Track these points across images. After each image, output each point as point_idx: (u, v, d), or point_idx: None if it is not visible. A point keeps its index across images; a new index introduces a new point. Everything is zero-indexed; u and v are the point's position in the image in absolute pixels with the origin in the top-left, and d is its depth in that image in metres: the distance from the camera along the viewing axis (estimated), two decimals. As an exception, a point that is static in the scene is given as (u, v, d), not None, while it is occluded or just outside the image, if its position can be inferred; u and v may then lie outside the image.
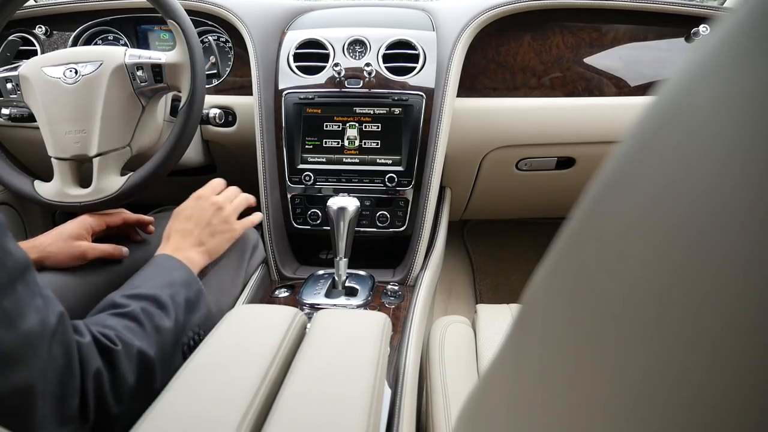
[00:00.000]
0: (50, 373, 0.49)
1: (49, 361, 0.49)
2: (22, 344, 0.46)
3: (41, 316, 0.48)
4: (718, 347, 0.13)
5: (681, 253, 0.15)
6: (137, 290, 0.69)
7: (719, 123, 0.15)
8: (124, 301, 0.67)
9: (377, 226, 1.14)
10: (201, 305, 0.77)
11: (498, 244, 1.93)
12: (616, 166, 0.20)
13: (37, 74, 0.93)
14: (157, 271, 0.75)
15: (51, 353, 0.49)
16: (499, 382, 0.31)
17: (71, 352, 0.52)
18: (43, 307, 0.49)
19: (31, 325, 0.47)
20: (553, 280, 0.24)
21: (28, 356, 0.46)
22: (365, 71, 1.10)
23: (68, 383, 0.52)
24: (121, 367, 0.58)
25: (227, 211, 0.91)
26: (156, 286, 0.71)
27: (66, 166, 0.94)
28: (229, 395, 0.47)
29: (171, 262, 0.78)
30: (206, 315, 0.78)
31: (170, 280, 0.73)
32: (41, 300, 0.49)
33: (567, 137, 1.23)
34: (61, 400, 0.51)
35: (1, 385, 0.45)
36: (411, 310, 0.93)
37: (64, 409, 0.51)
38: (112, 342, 0.58)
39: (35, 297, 0.49)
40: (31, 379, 0.47)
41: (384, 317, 0.62)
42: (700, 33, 1.15)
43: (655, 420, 0.15)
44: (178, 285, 0.73)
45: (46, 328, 0.49)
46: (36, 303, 0.48)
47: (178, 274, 0.76)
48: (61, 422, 0.51)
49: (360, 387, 0.48)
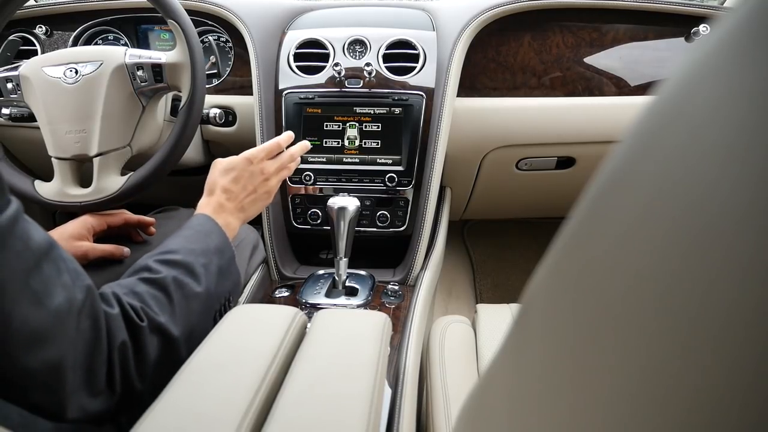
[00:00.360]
0: (79, 346, 0.50)
1: (77, 334, 0.50)
2: (51, 321, 0.47)
3: (68, 293, 0.49)
4: (718, 347, 0.13)
5: (680, 253, 0.15)
6: (172, 255, 0.69)
7: (719, 122, 0.15)
8: (158, 266, 0.66)
9: (377, 225, 1.14)
10: (233, 272, 0.77)
11: (498, 244, 1.93)
12: (616, 165, 0.20)
13: (37, 74, 0.93)
14: (195, 236, 0.74)
15: (79, 327, 0.50)
16: (500, 382, 0.31)
17: (99, 325, 0.53)
18: (70, 283, 0.50)
19: (59, 303, 0.48)
20: (553, 280, 0.24)
21: (57, 333, 0.48)
22: (365, 71, 1.10)
23: (97, 355, 0.53)
24: (145, 342, 0.59)
25: (273, 182, 0.89)
26: (191, 252, 0.70)
27: (66, 166, 0.94)
28: (229, 394, 0.47)
29: (209, 224, 0.77)
30: (236, 282, 0.79)
31: (206, 247, 0.73)
32: (68, 276, 0.50)
33: (567, 137, 1.23)
34: (90, 371, 0.52)
35: (32, 361, 0.46)
36: (411, 310, 0.93)
37: (94, 380, 0.53)
38: (139, 317, 0.59)
39: (62, 274, 0.50)
40: (61, 354, 0.48)
41: (384, 317, 0.62)
42: (700, 33, 1.15)
43: (654, 418, 0.15)
44: (212, 252, 0.73)
45: (74, 304, 0.50)
46: (63, 280, 0.49)
47: (214, 240, 0.75)
48: (91, 393, 0.53)
49: (360, 387, 0.49)
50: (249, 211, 0.86)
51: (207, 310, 0.70)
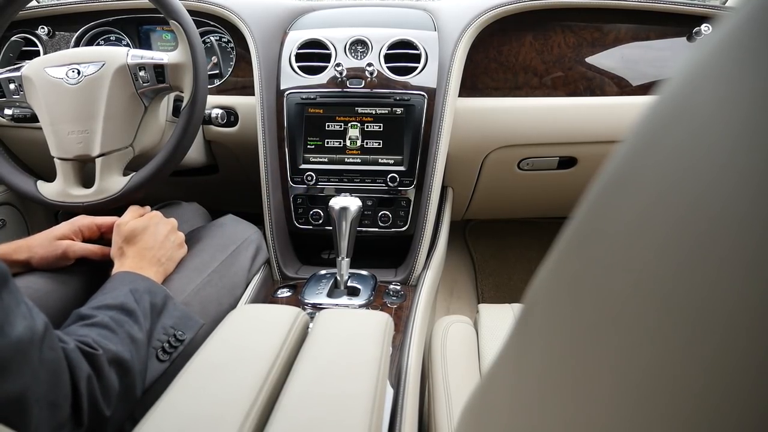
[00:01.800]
0: (43, 379, 0.49)
1: (40, 367, 0.49)
2: (13, 351, 0.46)
3: (28, 323, 0.48)
4: (720, 347, 0.13)
5: (683, 252, 0.15)
6: (101, 301, 0.69)
7: (721, 122, 0.15)
8: (92, 312, 0.66)
9: (379, 225, 1.14)
10: (170, 308, 0.76)
11: (500, 244, 1.93)
12: (618, 165, 0.20)
13: (39, 75, 0.93)
14: (118, 284, 0.74)
15: (42, 359, 0.49)
16: (502, 382, 0.31)
17: (60, 356, 0.52)
18: (28, 314, 0.49)
19: (20, 332, 0.47)
20: (556, 280, 0.24)
21: (19, 363, 0.46)
22: (367, 71, 1.10)
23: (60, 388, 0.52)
24: (105, 371, 0.58)
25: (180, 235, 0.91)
26: (119, 295, 0.70)
27: (69, 167, 0.94)
28: (232, 394, 0.47)
29: (130, 276, 0.77)
30: (180, 316, 0.77)
31: (134, 288, 0.73)
32: (26, 307, 0.49)
33: (569, 137, 1.23)
34: (54, 405, 0.51)
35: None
36: (413, 310, 0.93)
37: (57, 414, 0.51)
38: (93, 348, 0.58)
39: (20, 304, 0.48)
40: (25, 387, 0.47)
41: (386, 317, 0.62)
42: (702, 32, 1.14)
43: (656, 417, 0.15)
44: (141, 291, 0.73)
45: (35, 335, 0.49)
46: (22, 310, 0.48)
47: (141, 284, 0.75)
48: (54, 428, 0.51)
49: (362, 386, 0.49)
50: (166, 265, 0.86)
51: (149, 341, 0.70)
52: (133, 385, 0.62)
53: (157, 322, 0.73)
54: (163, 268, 0.85)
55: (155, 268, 0.83)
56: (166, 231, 0.88)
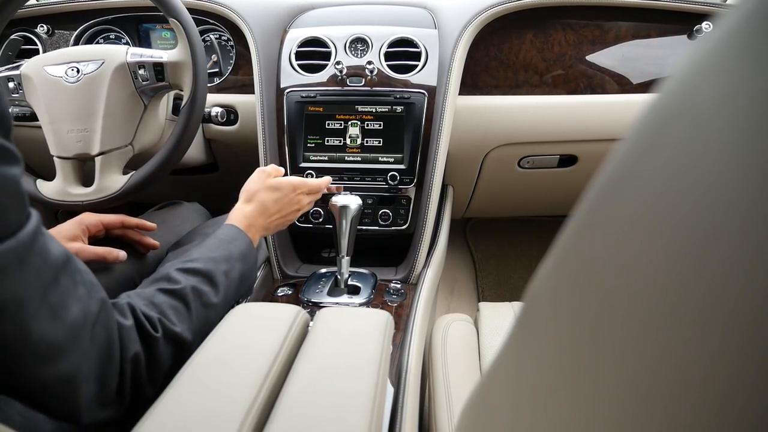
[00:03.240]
0: (93, 358, 0.51)
1: (91, 347, 0.50)
2: (67, 335, 0.48)
3: (83, 305, 0.50)
4: (723, 342, 0.13)
5: (685, 249, 0.15)
6: (192, 264, 0.70)
7: (723, 118, 0.15)
8: (178, 276, 0.68)
9: (379, 224, 1.14)
10: (253, 277, 0.82)
11: (500, 242, 1.93)
12: (621, 162, 0.20)
13: (39, 73, 0.93)
14: (218, 244, 0.76)
15: (93, 339, 0.51)
16: (503, 379, 0.31)
17: (113, 336, 0.54)
18: (85, 296, 0.51)
19: (75, 316, 0.48)
20: (557, 277, 0.24)
21: (72, 346, 0.48)
22: (367, 69, 1.10)
23: (109, 366, 0.53)
24: (158, 352, 0.59)
25: (297, 215, 0.93)
26: (211, 260, 0.72)
27: (68, 165, 0.94)
28: (232, 392, 0.47)
29: (234, 232, 0.80)
30: (250, 286, 0.82)
31: (228, 254, 0.75)
32: (83, 288, 0.51)
33: (569, 135, 1.23)
34: (102, 383, 0.53)
35: (48, 374, 0.47)
36: (413, 308, 0.93)
37: (105, 390, 0.53)
38: (154, 328, 0.60)
39: (78, 286, 0.50)
40: (75, 367, 0.49)
41: (386, 315, 0.62)
42: (702, 30, 1.14)
43: (659, 413, 0.15)
44: (235, 259, 0.75)
45: (89, 317, 0.50)
46: (79, 292, 0.50)
47: (238, 246, 0.78)
48: (102, 405, 0.53)
49: (363, 384, 0.49)
50: (270, 231, 0.89)
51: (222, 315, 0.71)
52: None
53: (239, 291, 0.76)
54: (265, 233, 0.88)
55: (262, 232, 0.86)
56: (292, 210, 0.90)
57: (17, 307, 0.43)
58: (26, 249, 0.44)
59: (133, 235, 0.93)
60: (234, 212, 0.85)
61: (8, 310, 0.43)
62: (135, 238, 0.93)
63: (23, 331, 0.44)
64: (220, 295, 0.70)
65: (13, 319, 0.43)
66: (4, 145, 0.42)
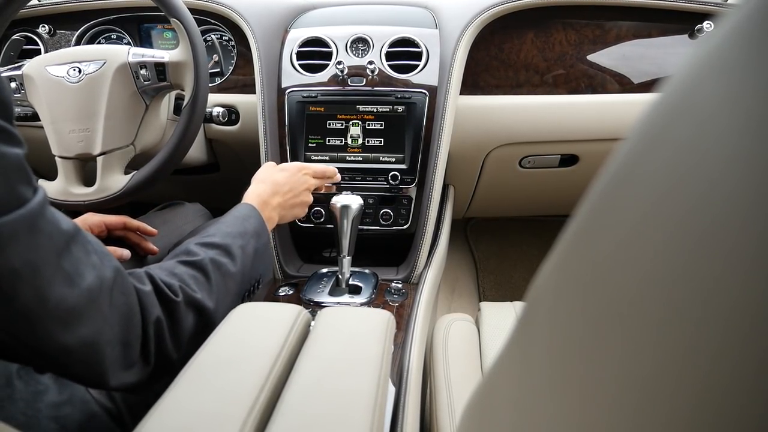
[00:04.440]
0: (114, 322, 0.53)
1: (111, 311, 0.52)
2: (85, 300, 0.49)
3: (98, 272, 0.51)
4: (725, 340, 0.13)
5: (688, 248, 0.15)
6: (210, 238, 0.73)
7: (724, 118, 0.15)
8: (197, 249, 0.70)
9: (381, 224, 1.14)
10: (268, 255, 0.83)
11: (501, 242, 1.93)
12: (622, 161, 0.20)
13: (40, 73, 0.93)
14: (234, 221, 0.78)
15: (113, 303, 0.53)
16: (505, 379, 0.31)
17: (132, 301, 0.55)
18: (99, 263, 0.52)
19: (91, 282, 0.50)
20: (559, 277, 0.24)
21: (91, 310, 0.50)
22: (368, 69, 1.10)
23: (131, 329, 0.55)
24: (180, 316, 0.61)
25: (310, 198, 0.96)
26: (228, 234, 0.75)
27: (70, 165, 0.94)
28: (234, 391, 0.47)
29: (248, 210, 0.82)
30: (269, 264, 0.84)
31: (243, 230, 0.77)
32: (96, 256, 0.52)
33: (570, 134, 1.22)
34: (126, 345, 0.54)
35: (69, 338, 0.48)
36: (414, 308, 0.93)
37: (129, 353, 0.55)
38: (174, 293, 0.62)
39: (90, 254, 0.51)
40: (97, 330, 0.51)
41: (388, 315, 0.62)
42: (704, 29, 1.14)
43: (662, 413, 0.15)
44: (249, 235, 0.78)
45: (105, 282, 0.52)
46: (92, 260, 0.51)
47: (252, 224, 0.80)
48: (126, 366, 0.55)
49: (364, 384, 0.49)
50: (287, 212, 0.91)
51: (240, 290, 0.74)
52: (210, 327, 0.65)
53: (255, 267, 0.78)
54: (282, 213, 0.90)
55: (277, 210, 0.88)
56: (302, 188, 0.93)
57: (33, 272, 0.45)
58: (37, 216, 0.45)
59: (134, 238, 0.93)
60: (248, 192, 0.87)
61: (24, 276, 0.44)
62: (135, 240, 0.93)
63: (41, 296, 0.46)
64: (237, 265, 0.72)
65: (30, 284, 0.45)
66: (7, 128, 0.44)
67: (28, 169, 0.46)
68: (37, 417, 0.59)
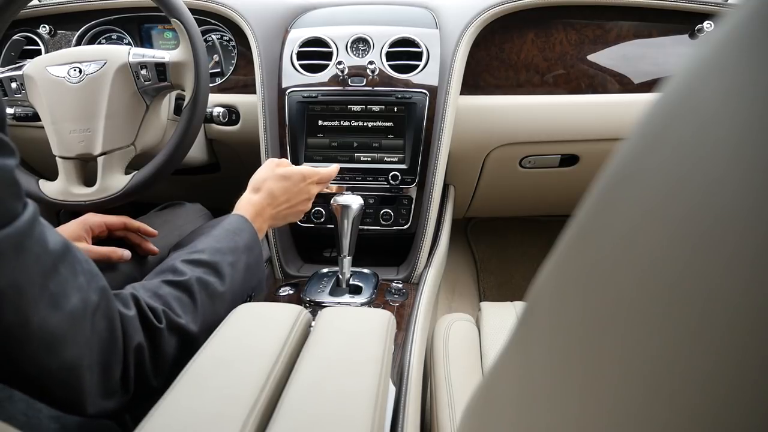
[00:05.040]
0: (95, 347, 0.51)
1: (93, 335, 0.51)
2: (68, 323, 0.48)
3: (83, 295, 0.50)
4: (727, 339, 0.13)
5: (690, 246, 0.15)
6: (198, 255, 0.71)
7: (725, 117, 0.15)
8: (184, 267, 0.68)
9: (381, 224, 1.14)
10: (259, 270, 0.80)
11: (501, 242, 1.93)
12: (623, 161, 0.20)
13: (41, 73, 0.93)
14: (225, 235, 0.76)
15: (94, 327, 0.51)
16: (506, 379, 0.31)
17: (114, 325, 0.54)
18: (85, 285, 0.51)
19: (75, 305, 0.49)
20: (560, 277, 0.24)
21: (73, 333, 0.49)
22: (368, 69, 1.10)
23: (112, 355, 0.54)
24: (162, 342, 0.60)
25: (308, 205, 0.94)
26: (218, 251, 0.72)
27: (71, 165, 0.94)
28: (235, 392, 0.47)
29: (240, 222, 0.80)
30: (261, 279, 0.82)
31: (234, 246, 0.75)
32: (83, 277, 0.51)
33: (571, 134, 1.22)
34: (106, 372, 0.53)
35: (51, 362, 0.47)
36: (415, 308, 0.93)
37: (109, 379, 0.54)
38: (158, 318, 0.60)
39: (77, 276, 0.50)
40: (78, 354, 0.49)
41: (388, 315, 0.62)
42: (704, 29, 1.14)
43: (664, 411, 0.15)
44: (240, 251, 0.76)
45: (89, 306, 0.51)
46: (79, 282, 0.50)
47: (244, 238, 0.78)
48: (106, 394, 0.54)
49: (365, 384, 0.49)
50: (279, 221, 0.89)
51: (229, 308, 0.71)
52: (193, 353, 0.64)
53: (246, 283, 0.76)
54: (274, 223, 0.89)
55: (270, 221, 0.87)
56: (302, 199, 0.91)
57: (17, 294, 0.44)
58: (24, 236, 0.44)
59: (134, 238, 0.93)
60: (241, 201, 0.85)
61: (8, 297, 0.43)
62: (136, 241, 0.93)
63: (24, 318, 0.45)
64: (226, 284, 0.70)
65: (13, 306, 0.44)
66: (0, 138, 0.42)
67: (19, 182, 0.45)
68: (38, 417, 0.59)
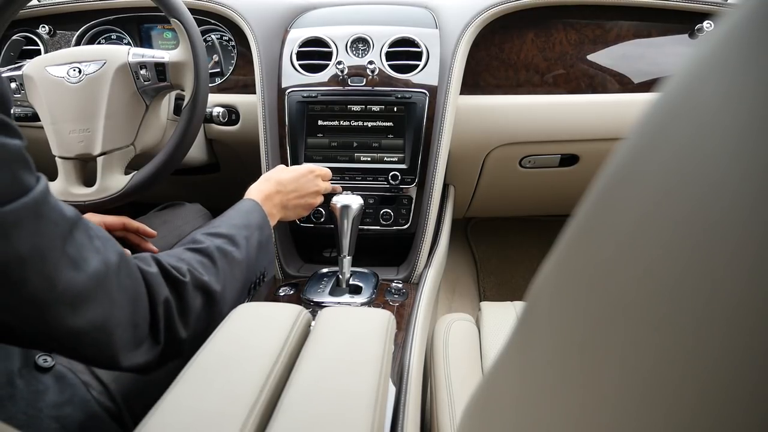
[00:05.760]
0: (122, 304, 0.54)
1: (118, 293, 0.54)
2: (93, 283, 0.50)
3: (102, 257, 0.52)
4: (726, 339, 0.13)
5: (689, 247, 0.15)
6: (216, 229, 0.75)
7: (725, 117, 0.15)
8: (203, 238, 0.73)
9: (381, 224, 1.14)
10: (270, 249, 0.84)
11: (501, 242, 1.93)
12: (623, 161, 0.20)
13: (40, 74, 0.93)
14: (237, 214, 0.81)
15: (120, 286, 0.54)
16: (506, 379, 0.31)
17: (137, 282, 0.57)
18: (102, 248, 0.53)
19: (95, 266, 0.51)
20: (560, 277, 0.24)
21: (98, 293, 0.51)
22: (368, 69, 1.10)
23: (138, 310, 0.57)
24: (188, 297, 0.63)
25: (317, 199, 0.98)
26: (233, 226, 0.77)
27: (70, 165, 0.94)
28: (235, 391, 0.47)
29: (250, 205, 0.84)
30: (272, 260, 0.86)
31: (247, 222, 0.80)
32: (99, 241, 0.53)
33: (571, 134, 1.22)
34: (134, 326, 0.56)
35: (79, 321, 0.50)
36: (415, 308, 0.93)
37: (138, 333, 0.57)
38: (182, 274, 0.63)
39: (93, 240, 0.53)
40: (106, 313, 0.52)
41: (388, 315, 0.62)
42: (704, 29, 1.14)
43: (664, 410, 0.15)
44: (254, 227, 0.80)
45: (110, 266, 0.53)
46: (95, 245, 0.52)
47: (255, 217, 0.82)
48: (135, 346, 0.57)
49: (365, 384, 0.49)
50: (290, 211, 0.93)
51: (246, 279, 0.76)
52: (217, 309, 0.67)
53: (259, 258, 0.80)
54: (284, 213, 0.93)
55: (279, 208, 0.91)
56: (310, 191, 0.96)
57: (40, 258, 0.46)
58: (40, 204, 0.46)
59: (134, 239, 0.93)
60: (251, 189, 0.90)
61: (31, 261, 0.45)
62: (135, 241, 0.93)
63: (49, 282, 0.46)
64: (242, 254, 0.74)
65: (38, 270, 0.45)
66: (6, 121, 0.44)
67: (29, 158, 0.47)
68: (38, 417, 0.59)
